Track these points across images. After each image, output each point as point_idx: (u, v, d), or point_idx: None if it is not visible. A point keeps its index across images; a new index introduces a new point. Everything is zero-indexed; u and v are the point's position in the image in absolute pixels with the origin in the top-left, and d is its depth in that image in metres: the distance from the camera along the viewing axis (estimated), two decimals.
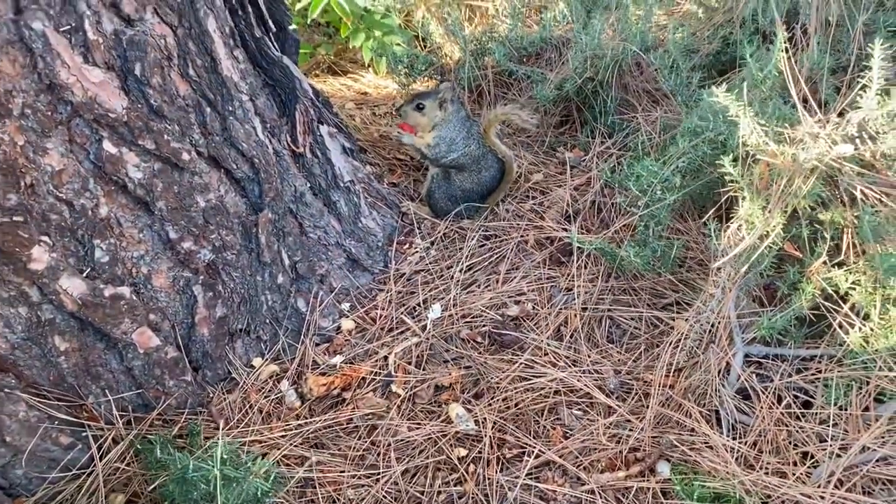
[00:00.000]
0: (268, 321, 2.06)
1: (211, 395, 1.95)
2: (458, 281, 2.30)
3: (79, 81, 1.54)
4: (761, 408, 1.75)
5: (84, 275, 1.66)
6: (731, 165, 1.78)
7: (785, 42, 1.85)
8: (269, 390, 1.98)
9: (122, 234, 1.71)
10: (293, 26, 2.32)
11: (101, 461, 1.75)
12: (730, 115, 1.73)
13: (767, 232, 1.75)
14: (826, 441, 1.65)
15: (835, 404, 1.68)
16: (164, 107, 1.70)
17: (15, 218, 1.52)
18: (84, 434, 1.76)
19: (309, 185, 2.17)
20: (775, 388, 1.78)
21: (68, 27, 1.51)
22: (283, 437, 1.86)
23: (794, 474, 1.61)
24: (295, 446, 1.84)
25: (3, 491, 1.69)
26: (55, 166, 1.56)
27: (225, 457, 1.39)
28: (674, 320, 2.10)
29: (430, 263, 2.38)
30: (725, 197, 1.89)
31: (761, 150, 1.73)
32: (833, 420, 1.66)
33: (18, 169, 1.50)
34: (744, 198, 1.80)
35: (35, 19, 1.45)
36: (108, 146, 1.63)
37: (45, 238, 1.59)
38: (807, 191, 1.65)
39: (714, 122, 2.09)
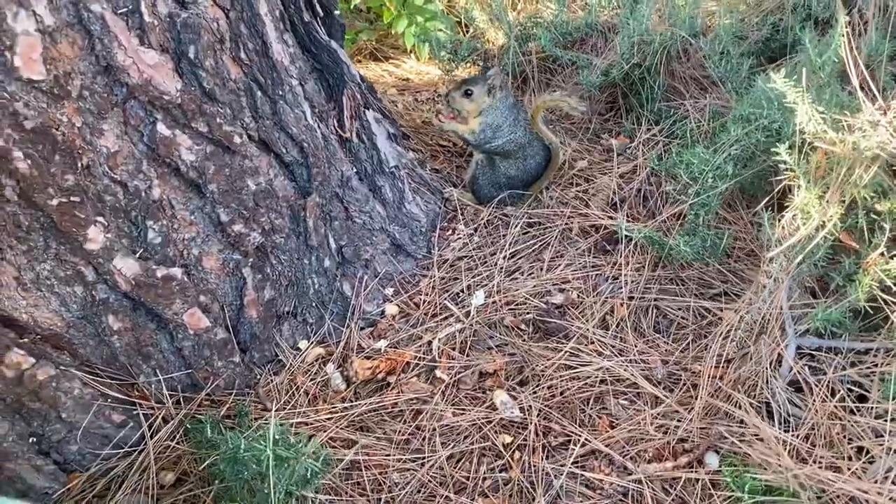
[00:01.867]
0: (314, 304, 2.07)
1: (258, 377, 1.97)
2: (502, 268, 2.29)
3: (135, 63, 1.56)
4: (814, 401, 1.72)
5: (137, 255, 1.69)
6: (787, 154, 1.75)
7: (845, 27, 1.79)
8: (315, 373, 2.00)
9: (175, 215, 1.73)
10: (339, 11, 2.32)
11: (151, 439, 1.78)
12: (787, 102, 1.69)
13: (824, 222, 1.71)
14: (882, 436, 1.61)
15: (892, 399, 1.64)
16: (217, 90, 1.71)
17: (72, 198, 1.55)
18: (135, 413, 1.80)
19: (355, 170, 2.17)
20: (829, 381, 1.74)
21: (126, 9, 1.52)
22: (329, 419, 1.87)
23: (849, 469, 1.57)
24: (341, 429, 1.85)
25: (58, 466, 1.73)
26: (111, 148, 1.58)
27: (277, 437, 1.40)
28: (721, 311, 2.06)
29: (474, 250, 2.37)
30: (779, 187, 1.84)
31: (819, 138, 1.68)
32: (890, 415, 1.62)
33: (76, 150, 1.52)
34: (799, 187, 1.76)
35: (94, 1, 1.46)
36: (161, 128, 1.64)
37: (101, 218, 1.61)
38: (867, 180, 1.60)
39: (768, 110, 2.05)
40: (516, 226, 2.42)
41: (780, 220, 1.82)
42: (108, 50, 1.51)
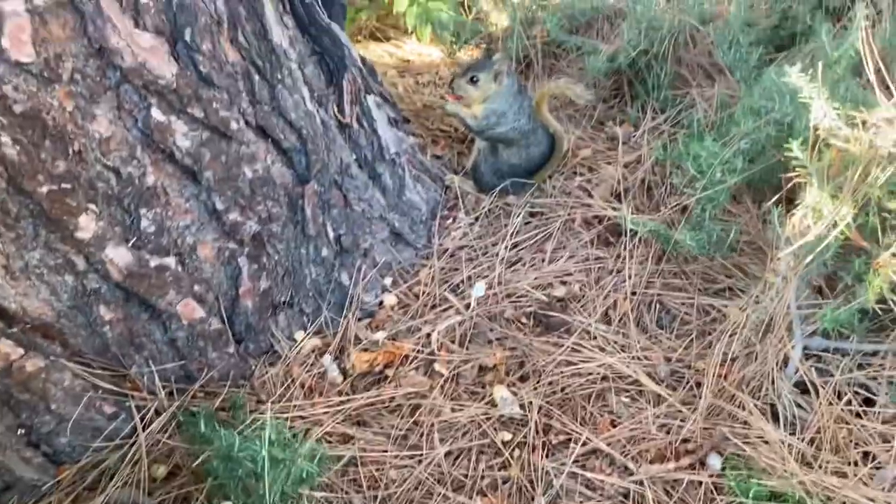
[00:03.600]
0: (311, 294, 2.03)
1: (253, 368, 1.93)
2: (503, 259, 2.24)
3: (129, 46, 1.50)
4: (820, 403, 1.69)
5: (130, 244, 1.64)
6: (800, 150, 1.70)
7: (864, 20, 1.74)
8: (312, 364, 1.96)
9: (169, 203, 1.68)
10: None
11: (143, 431, 1.74)
12: (801, 97, 1.64)
13: (836, 221, 1.67)
14: (890, 442, 1.58)
15: None
16: (214, 74, 1.66)
17: (63, 185, 1.50)
18: (127, 404, 1.76)
19: (355, 156, 2.12)
20: (835, 384, 1.71)
21: None
22: (325, 413, 1.84)
23: (855, 475, 1.55)
24: (337, 423, 1.82)
25: (47, 458, 1.70)
26: (103, 133, 1.53)
27: (273, 437, 1.36)
28: (727, 307, 2.03)
29: (474, 240, 2.32)
30: (790, 183, 1.80)
31: (834, 135, 1.64)
32: None
33: (67, 135, 1.47)
34: (811, 184, 1.72)
35: None
36: (156, 114, 1.59)
37: (93, 206, 1.56)
38: (884, 180, 1.56)
39: (779, 102, 2.00)
40: (518, 215, 2.37)
41: (789, 218, 1.78)
42: (101, 32, 1.45)
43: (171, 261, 1.71)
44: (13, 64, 1.35)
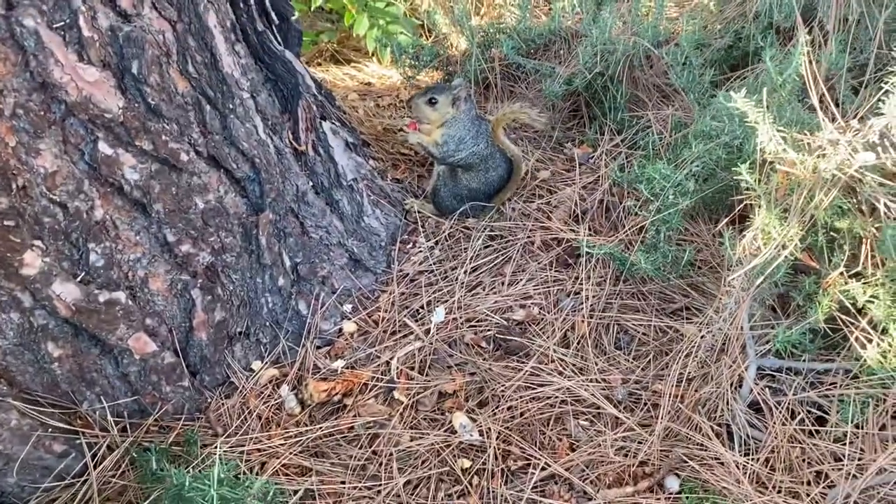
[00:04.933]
0: (268, 324, 2.01)
1: (209, 401, 1.90)
2: (463, 283, 2.24)
3: (73, 80, 1.48)
4: (774, 423, 1.70)
5: (78, 279, 1.61)
6: (748, 173, 1.73)
7: (806, 45, 1.78)
8: (269, 395, 1.94)
9: (118, 237, 1.65)
10: (296, 16, 2.25)
11: (95, 469, 1.70)
12: (748, 122, 1.67)
13: (784, 243, 1.69)
14: (841, 460, 1.60)
15: (850, 422, 1.63)
16: (163, 106, 1.64)
17: (6, 222, 1.47)
18: (78, 441, 1.72)
19: (311, 183, 2.11)
20: (789, 403, 1.73)
21: (62, 24, 1.45)
22: (282, 445, 1.82)
23: (808, 495, 1.56)
24: (294, 455, 1.79)
25: None
26: (48, 168, 1.50)
27: (222, 476, 1.34)
28: (683, 327, 2.05)
29: (434, 264, 2.32)
30: (741, 204, 1.83)
31: (780, 159, 1.67)
32: (849, 438, 1.62)
33: (10, 171, 1.44)
34: (760, 206, 1.75)
35: (27, 16, 1.39)
36: (103, 147, 1.57)
37: (38, 242, 1.53)
38: (828, 203, 1.59)
39: (729, 125, 2.03)
40: (478, 239, 2.38)
41: (741, 239, 1.80)
42: (44, 66, 1.43)
43: (121, 295, 1.68)
44: None
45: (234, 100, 1.83)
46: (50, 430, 1.67)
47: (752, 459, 1.67)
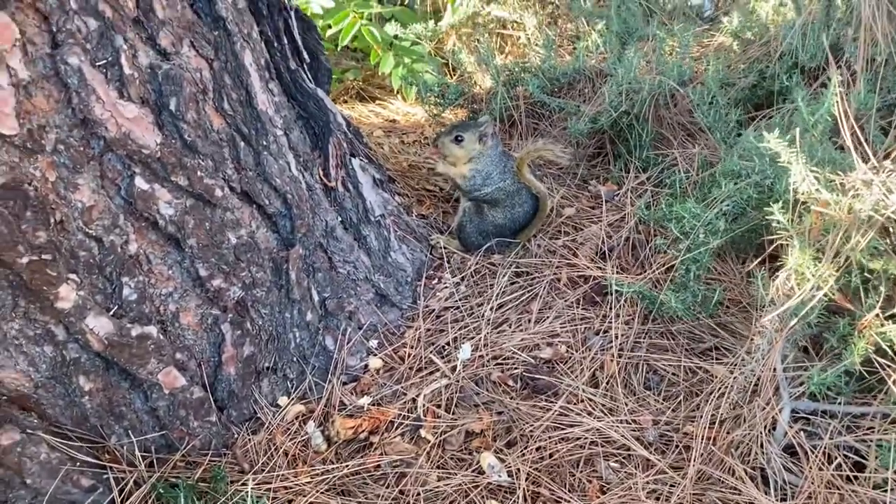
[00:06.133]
0: (295, 359, 2.00)
1: (236, 436, 1.89)
2: (489, 319, 2.23)
3: (113, 117, 1.50)
4: (810, 468, 1.67)
5: (111, 313, 1.62)
6: (781, 213, 1.72)
7: (838, 86, 1.78)
8: (295, 432, 1.92)
9: (151, 271, 1.66)
10: (325, 55, 2.29)
11: None
12: (780, 161, 1.67)
13: (819, 284, 1.68)
14: None
15: (890, 468, 1.59)
16: (198, 142, 1.66)
17: (44, 256, 1.48)
18: (105, 476, 1.71)
19: (340, 219, 2.12)
20: (825, 447, 1.70)
21: (104, 62, 1.48)
22: (308, 482, 1.80)
23: None
24: (321, 493, 1.77)
25: None
26: (86, 202, 1.52)
27: None
28: (713, 367, 2.02)
29: (460, 300, 2.31)
30: (772, 245, 1.81)
31: (813, 199, 1.66)
32: (890, 485, 1.58)
33: (49, 205, 1.46)
34: (793, 247, 1.73)
35: (71, 54, 1.42)
36: (140, 182, 1.59)
37: (73, 276, 1.54)
38: (864, 244, 1.57)
39: (759, 164, 2.03)
40: (504, 275, 2.37)
41: (773, 279, 1.78)
42: (86, 103, 1.46)
43: (152, 329, 1.69)
44: None
45: (268, 136, 1.86)
46: (78, 464, 1.66)
47: None
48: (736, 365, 1.92)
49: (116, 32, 1.49)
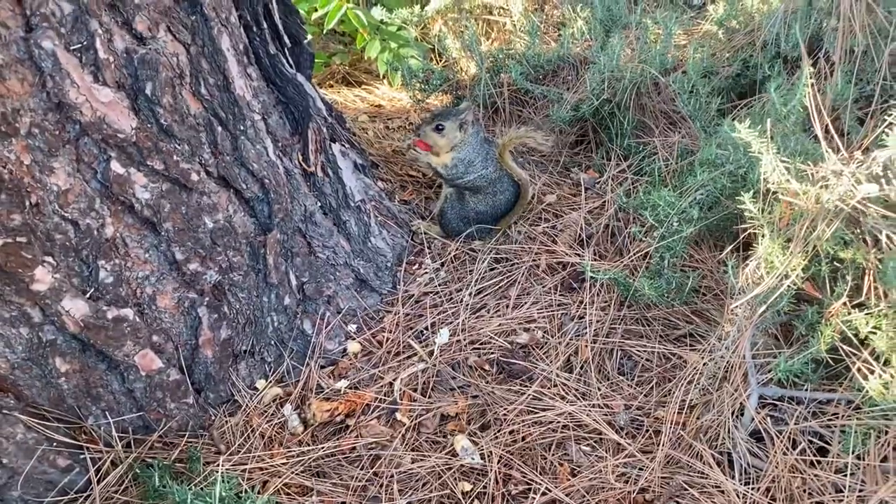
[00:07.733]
0: (273, 343, 2.02)
1: (213, 418, 1.91)
2: (468, 305, 2.26)
3: (88, 101, 1.51)
4: (775, 452, 1.70)
5: (87, 296, 1.63)
6: (752, 202, 1.74)
7: (811, 78, 1.80)
8: (272, 414, 1.95)
9: (128, 254, 1.68)
10: (308, 39, 2.29)
11: (98, 485, 1.72)
12: (751, 151, 1.69)
13: (787, 272, 1.70)
14: (843, 492, 1.60)
15: (852, 453, 1.63)
16: (175, 126, 1.67)
17: (18, 238, 1.49)
18: (82, 456, 1.73)
19: (319, 204, 2.14)
20: (790, 433, 1.73)
21: (79, 46, 1.48)
22: (284, 464, 1.82)
23: None
24: (296, 475, 1.80)
25: None
26: (61, 186, 1.53)
27: (224, 494, 1.35)
28: (686, 354, 2.05)
29: (440, 285, 2.34)
30: (745, 233, 1.84)
31: (783, 189, 1.68)
32: (850, 470, 1.61)
33: (24, 188, 1.47)
34: (763, 236, 1.76)
35: (45, 38, 1.42)
36: (115, 166, 1.60)
37: (49, 258, 1.56)
38: (830, 233, 1.60)
39: (734, 154, 2.05)
40: (483, 261, 2.39)
41: (744, 268, 1.81)
42: (60, 87, 1.47)
43: (129, 312, 1.70)
44: None
45: (246, 121, 1.86)
46: (55, 444, 1.69)
47: (753, 489, 1.67)
48: (708, 352, 1.95)
49: (91, 17, 1.49)
